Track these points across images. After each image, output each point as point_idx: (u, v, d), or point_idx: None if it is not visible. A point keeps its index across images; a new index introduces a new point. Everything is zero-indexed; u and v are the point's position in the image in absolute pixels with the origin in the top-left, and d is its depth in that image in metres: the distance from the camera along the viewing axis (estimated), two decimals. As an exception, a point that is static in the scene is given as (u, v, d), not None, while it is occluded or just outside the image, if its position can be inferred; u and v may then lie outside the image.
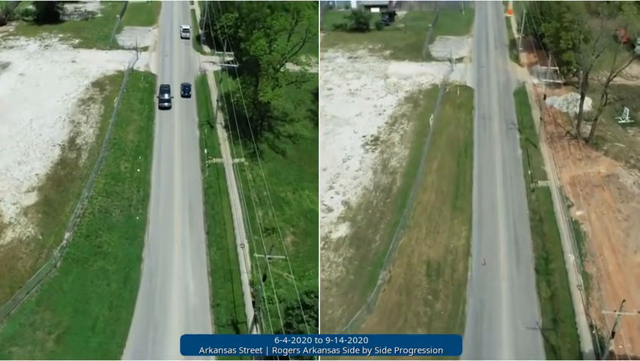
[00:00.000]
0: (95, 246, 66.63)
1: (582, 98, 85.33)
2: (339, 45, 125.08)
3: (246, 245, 68.11)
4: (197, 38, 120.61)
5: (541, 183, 77.42)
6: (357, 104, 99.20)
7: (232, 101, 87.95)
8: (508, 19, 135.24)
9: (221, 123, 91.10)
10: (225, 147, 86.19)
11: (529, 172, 79.97)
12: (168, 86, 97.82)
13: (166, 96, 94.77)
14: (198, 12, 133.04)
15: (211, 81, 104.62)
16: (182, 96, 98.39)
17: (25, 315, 57.46)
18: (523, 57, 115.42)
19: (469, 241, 68.91)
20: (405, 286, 62.35)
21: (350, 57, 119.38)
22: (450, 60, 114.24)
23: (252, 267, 65.35)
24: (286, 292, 61.37)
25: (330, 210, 74.18)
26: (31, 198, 71.92)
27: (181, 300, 61.23)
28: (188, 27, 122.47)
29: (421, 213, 72.76)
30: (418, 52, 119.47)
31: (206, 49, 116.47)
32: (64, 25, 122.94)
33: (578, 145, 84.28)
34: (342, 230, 70.58)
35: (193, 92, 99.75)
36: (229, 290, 63.07)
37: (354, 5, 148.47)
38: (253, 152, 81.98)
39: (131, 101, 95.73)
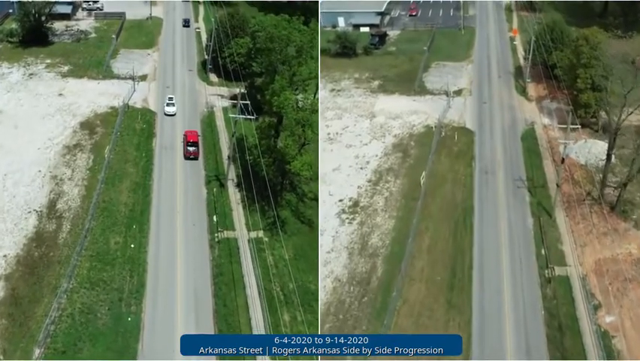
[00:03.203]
0: (73, 368, 51.36)
1: (608, 159, 69.56)
2: (321, 74, 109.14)
3: None
4: (203, 65, 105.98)
5: (558, 270, 61.87)
6: (336, 153, 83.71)
7: (248, 158, 72.52)
8: (512, 41, 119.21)
9: (232, 180, 75.95)
10: (239, 214, 71.04)
11: (543, 252, 64.46)
12: None
13: None
14: (204, 35, 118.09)
15: (220, 121, 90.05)
16: (184, 26, 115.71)
17: None
18: (532, 89, 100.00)
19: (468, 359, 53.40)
20: None
21: (332, 90, 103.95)
22: (447, 93, 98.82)
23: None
24: None
25: (292, 311, 58.80)
26: (-4, 294, 57.24)
27: None
28: None
29: (407, 318, 57.26)
30: (410, 83, 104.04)
31: (214, 78, 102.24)
32: (53, 48, 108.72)
33: (602, 213, 68.67)
34: (304, 347, 54.95)
35: (199, 134, 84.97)
36: None
37: (341, 24, 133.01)
38: (273, 222, 66.75)
39: (126, 147, 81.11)
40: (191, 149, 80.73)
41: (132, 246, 64.73)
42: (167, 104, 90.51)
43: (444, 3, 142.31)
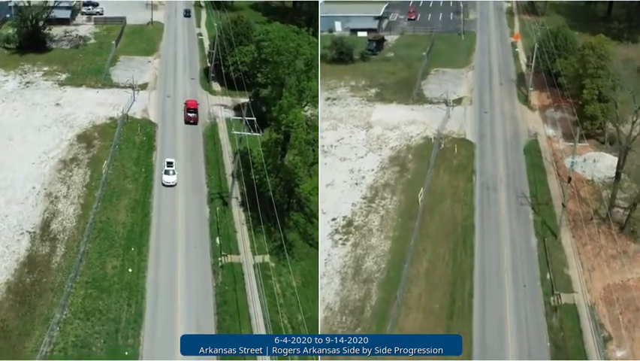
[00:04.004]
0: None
1: (617, 178, 65.71)
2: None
3: None
4: (206, 73, 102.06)
5: (564, 298, 58.05)
6: (330, 167, 79.78)
7: (253, 176, 68.09)
8: (514, 47, 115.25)
9: (236, 198, 72.03)
10: (243, 236, 67.03)
11: (549, 277, 60.58)
12: None
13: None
14: (207, 42, 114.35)
15: (223, 133, 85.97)
16: (185, 16, 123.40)
17: None
18: (534, 97, 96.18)
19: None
20: None
21: (327, 98, 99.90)
22: (446, 102, 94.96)
23: None
24: None
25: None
26: (-17, 326, 53.54)
27: None
28: None
29: (403, 351, 53.21)
30: (408, 90, 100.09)
31: (216, 87, 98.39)
32: (51, 55, 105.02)
33: (610, 233, 64.84)
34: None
35: (201, 147, 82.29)
36: None
37: (338, 28, 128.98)
38: (280, 245, 62.59)
39: (124, 162, 77.18)
40: (191, 115, 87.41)
41: (130, 270, 61.00)
42: (166, 172, 73.97)
43: (444, 6, 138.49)
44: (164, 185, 73.27)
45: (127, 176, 74.94)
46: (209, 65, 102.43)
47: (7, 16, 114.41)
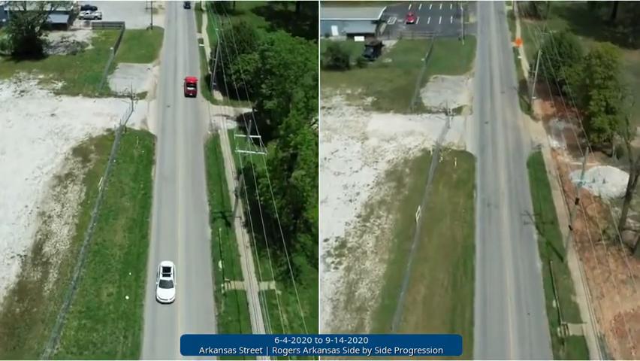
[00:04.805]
0: None
1: (628, 198, 61.72)
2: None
3: None
4: (207, 81, 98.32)
5: (572, 329, 54.11)
6: (323, 183, 75.56)
7: (257, 195, 63.54)
8: (517, 53, 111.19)
9: (240, 218, 67.97)
10: (247, 260, 62.96)
11: (555, 305, 56.65)
12: None
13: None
14: (208, 48, 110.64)
15: (225, 146, 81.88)
16: (185, 8, 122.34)
17: None
18: (538, 106, 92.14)
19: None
20: None
21: (322, 107, 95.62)
22: (445, 112, 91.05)
23: None
24: None
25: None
26: (-33, 366, 50.20)
27: None
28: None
29: (398, 389, 49.39)
30: (406, 99, 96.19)
31: (218, 96, 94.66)
32: (47, 62, 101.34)
33: (620, 256, 60.94)
34: None
35: (203, 161, 78.20)
36: None
37: (335, 33, 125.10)
38: (287, 270, 58.54)
39: (122, 177, 73.35)
40: (190, 88, 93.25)
41: (127, 298, 57.29)
42: (162, 283, 57.71)
43: (443, 10, 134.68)
44: (158, 301, 57.42)
45: (124, 193, 71.11)
46: (210, 72, 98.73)
47: (3, 21, 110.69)
